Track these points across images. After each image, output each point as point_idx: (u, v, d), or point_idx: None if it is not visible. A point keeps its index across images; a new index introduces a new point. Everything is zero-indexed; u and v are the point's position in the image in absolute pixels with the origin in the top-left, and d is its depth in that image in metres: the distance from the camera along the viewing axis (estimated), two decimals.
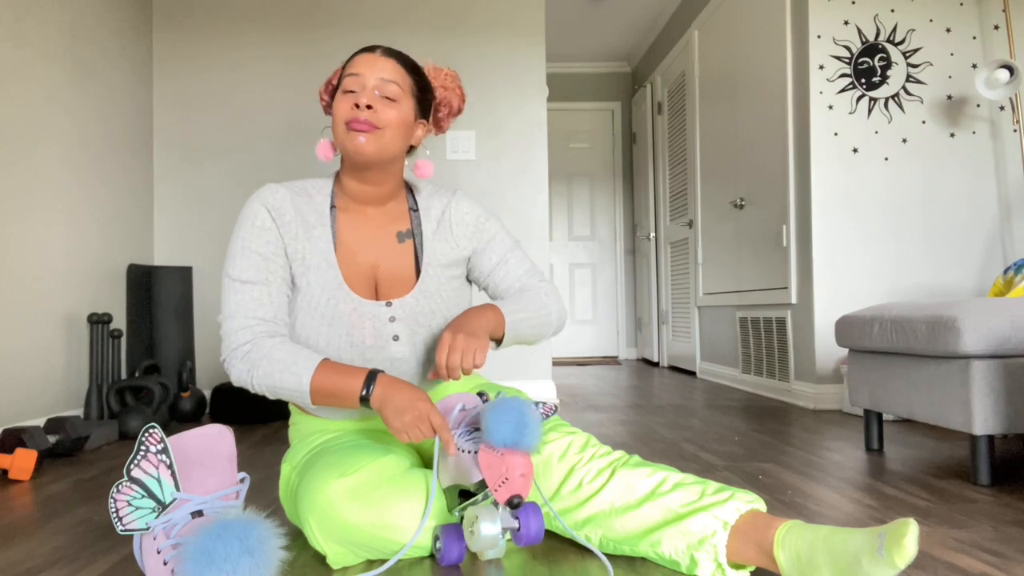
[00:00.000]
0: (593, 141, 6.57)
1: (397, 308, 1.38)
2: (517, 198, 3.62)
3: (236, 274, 1.33)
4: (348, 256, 1.39)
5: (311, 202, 1.39)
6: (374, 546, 1.24)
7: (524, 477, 1.17)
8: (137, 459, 1.14)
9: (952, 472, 1.91)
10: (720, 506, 1.17)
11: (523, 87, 3.63)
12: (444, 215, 1.46)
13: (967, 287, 3.11)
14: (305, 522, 1.24)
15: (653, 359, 5.87)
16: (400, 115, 1.34)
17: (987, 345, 1.74)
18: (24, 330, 2.50)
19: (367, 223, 1.42)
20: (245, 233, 1.34)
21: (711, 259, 4.49)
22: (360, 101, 1.30)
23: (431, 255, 1.43)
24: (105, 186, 3.03)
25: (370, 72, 1.33)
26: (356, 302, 1.36)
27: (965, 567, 1.20)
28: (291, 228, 1.36)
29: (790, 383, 3.38)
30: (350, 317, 1.35)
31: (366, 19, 3.60)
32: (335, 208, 1.41)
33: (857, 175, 3.12)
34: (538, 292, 1.46)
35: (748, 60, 3.82)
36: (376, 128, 1.32)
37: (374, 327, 1.37)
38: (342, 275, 1.37)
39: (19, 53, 2.49)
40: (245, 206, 1.37)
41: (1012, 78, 2.86)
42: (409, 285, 1.41)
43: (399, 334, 1.38)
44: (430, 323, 1.40)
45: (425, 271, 1.41)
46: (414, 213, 1.46)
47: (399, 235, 1.43)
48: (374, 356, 1.38)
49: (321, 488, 1.22)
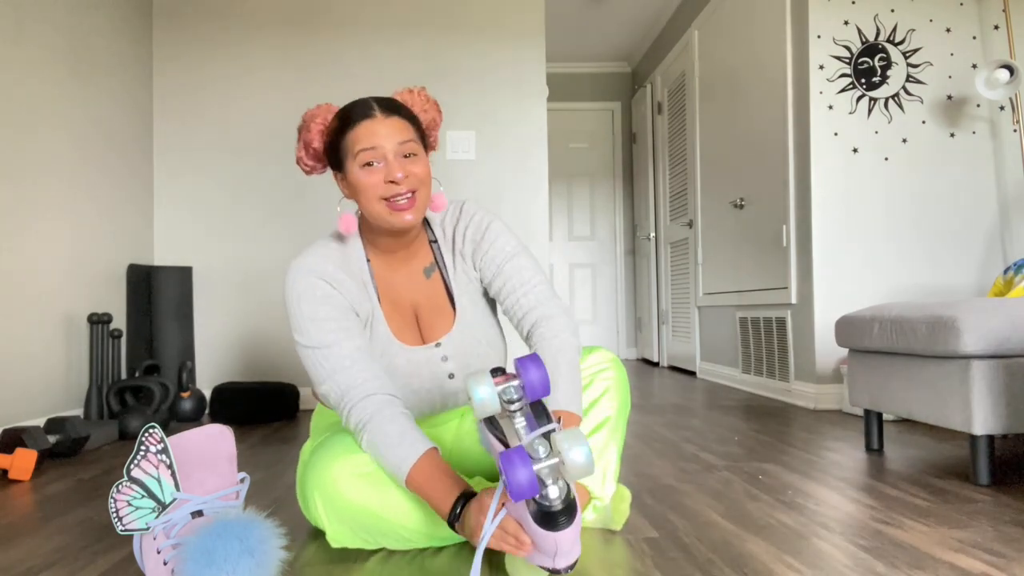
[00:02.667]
0: (593, 141, 6.57)
1: (446, 346, 1.40)
2: (517, 198, 3.62)
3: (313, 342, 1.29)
4: (391, 305, 1.40)
5: (349, 261, 1.38)
6: (376, 528, 1.25)
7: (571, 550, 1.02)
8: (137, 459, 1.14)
9: (952, 472, 1.91)
10: None
11: (523, 87, 3.63)
12: (455, 242, 1.44)
13: (967, 287, 3.11)
14: (310, 497, 1.26)
15: (653, 359, 5.87)
16: (425, 167, 1.33)
17: (987, 345, 1.74)
18: (24, 330, 2.50)
19: (397, 266, 1.42)
20: (307, 307, 1.30)
21: (711, 259, 4.49)
22: (395, 177, 1.28)
23: (459, 286, 1.43)
24: (105, 186, 3.03)
25: (386, 141, 1.29)
26: (409, 352, 1.38)
27: (965, 567, 1.20)
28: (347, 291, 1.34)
29: (790, 383, 3.38)
30: (407, 368, 1.38)
31: (366, 20, 3.60)
32: (370, 262, 1.41)
33: (857, 175, 3.12)
34: (564, 344, 1.33)
35: (748, 60, 3.82)
36: (414, 196, 1.30)
37: (431, 371, 1.40)
38: (391, 329, 1.38)
39: (19, 54, 2.49)
40: (291, 285, 1.32)
41: (1012, 78, 2.86)
42: (448, 319, 1.42)
43: (453, 372, 1.41)
44: (477, 351, 1.43)
45: (459, 303, 1.43)
46: (434, 244, 1.46)
47: (425, 271, 1.44)
48: (434, 397, 1.41)
49: (328, 466, 1.25)
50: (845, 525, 1.45)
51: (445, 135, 3.59)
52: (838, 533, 1.40)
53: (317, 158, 1.40)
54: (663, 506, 1.61)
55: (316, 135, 1.37)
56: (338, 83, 3.57)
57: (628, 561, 1.26)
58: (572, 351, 1.33)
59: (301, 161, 1.41)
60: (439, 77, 3.60)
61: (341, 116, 1.34)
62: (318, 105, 1.39)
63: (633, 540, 1.37)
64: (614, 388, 1.41)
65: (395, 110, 1.33)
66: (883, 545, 1.32)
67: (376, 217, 1.32)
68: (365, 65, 3.58)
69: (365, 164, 1.30)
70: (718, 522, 1.48)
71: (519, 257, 1.42)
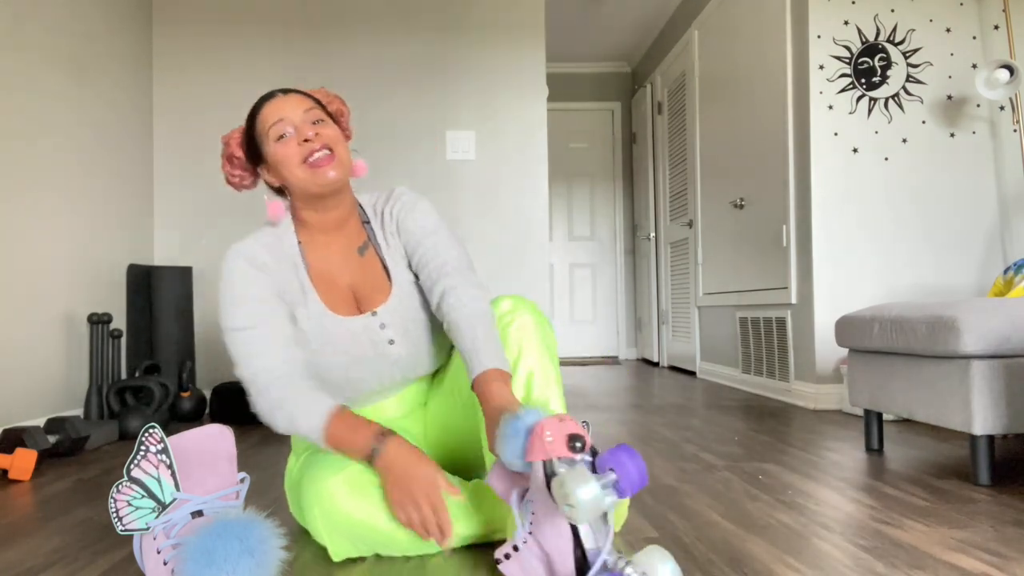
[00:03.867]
0: (593, 141, 6.57)
1: (383, 315, 1.42)
2: (517, 198, 3.62)
3: (235, 324, 1.33)
4: (325, 284, 1.42)
5: (280, 244, 1.42)
6: (377, 540, 1.25)
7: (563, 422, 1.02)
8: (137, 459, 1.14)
9: (952, 472, 1.91)
10: None
11: (523, 87, 3.63)
12: (385, 221, 1.48)
13: (967, 287, 3.11)
14: (309, 513, 1.26)
15: (653, 359, 5.87)
16: (336, 131, 1.40)
17: (987, 345, 1.74)
18: (24, 330, 2.50)
19: (332, 248, 1.45)
20: (233, 288, 1.35)
21: (711, 259, 4.48)
22: (307, 135, 1.34)
23: (392, 261, 1.46)
24: (105, 186, 3.03)
25: (291, 111, 1.37)
26: (345, 323, 1.40)
27: (965, 567, 1.20)
28: (274, 275, 1.38)
29: (790, 383, 3.38)
30: (346, 337, 1.39)
31: (366, 19, 3.60)
32: (301, 244, 1.44)
33: (857, 175, 3.12)
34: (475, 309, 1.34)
35: (748, 60, 3.82)
36: (332, 153, 1.36)
37: (370, 339, 1.41)
38: (324, 303, 1.40)
39: (19, 54, 2.49)
40: (224, 267, 1.38)
41: (1012, 78, 2.86)
42: (386, 291, 1.44)
43: (393, 338, 1.42)
44: (416, 318, 1.44)
45: (395, 277, 1.45)
46: (367, 225, 1.49)
47: (359, 249, 1.46)
48: (378, 364, 1.43)
49: (323, 480, 1.25)
50: (845, 525, 1.45)
51: (445, 135, 3.60)
52: (838, 533, 1.40)
53: (243, 167, 1.46)
54: (663, 506, 1.61)
55: (236, 146, 1.45)
56: (338, 83, 3.57)
57: None
58: (484, 313, 1.34)
59: (229, 176, 1.47)
60: (439, 77, 3.60)
61: (249, 115, 1.42)
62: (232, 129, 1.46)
63: (633, 540, 1.37)
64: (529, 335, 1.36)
65: (293, 90, 1.42)
66: (883, 545, 1.32)
67: (301, 184, 1.35)
68: (365, 65, 3.58)
69: (279, 137, 1.35)
70: (718, 522, 1.48)
71: (438, 234, 1.45)
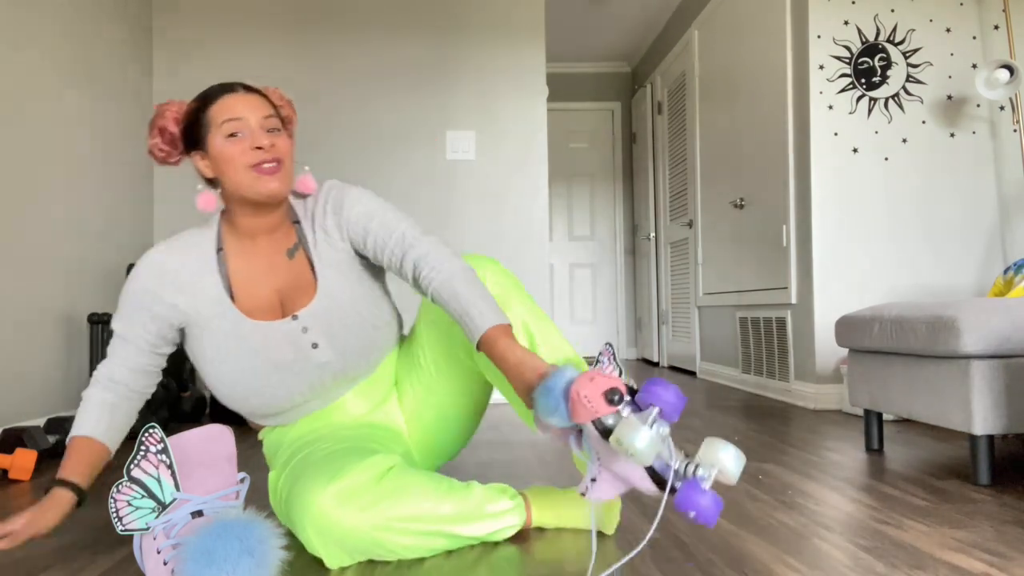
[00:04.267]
0: (593, 141, 6.57)
1: (305, 317, 1.40)
2: (517, 198, 3.62)
3: (114, 323, 1.39)
4: (246, 291, 1.41)
5: (195, 250, 1.40)
6: (373, 549, 1.25)
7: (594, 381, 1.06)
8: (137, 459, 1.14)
9: (952, 472, 1.91)
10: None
11: (523, 87, 3.63)
12: (319, 217, 1.45)
13: (967, 287, 3.11)
14: (302, 530, 1.23)
15: (653, 359, 5.87)
16: (289, 143, 1.38)
17: (987, 345, 1.74)
18: (24, 330, 2.50)
19: (259, 254, 1.42)
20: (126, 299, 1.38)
21: (711, 259, 4.49)
22: (261, 143, 1.32)
23: (322, 259, 1.43)
24: (105, 186, 3.03)
25: (251, 113, 1.34)
26: (263, 328, 1.38)
27: (965, 567, 1.20)
28: (175, 288, 1.38)
29: (790, 383, 3.38)
30: (264, 344, 1.38)
31: (367, 20, 3.60)
32: (222, 251, 1.42)
33: (857, 175, 3.12)
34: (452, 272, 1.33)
35: (748, 60, 3.82)
36: (281, 164, 1.35)
37: (290, 343, 1.40)
38: (241, 310, 1.39)
39: (19, 54, 2.49)
40: (133, 271, 1.40)
41: (1012, 78, 2.86)
42: (312, 293, 1.42)
43: (317, 341, 1.41)
44: (344, 321, 1.42)
45: (321, 275, 1.42)
46: (297, 225, 1.46)
47: (288, 252, 1.44)
48: (302, 369, 1.41)
49: (313, 494, 1.22)
50: (845, 525, 1.45)
51: (445, 135, 3.60)
52: (838, 533, 1.40)
53: (172, 143, 1.41)
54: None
55: (171, 120, 1.40)
56: (338, 83, 3.57)
57: (629, 561, 1.26)
58: (463, 273, 1.33)
59: (155, 148, 1.41)
60: (439, 77, 3.60)
61: (200, 97, 1.38)
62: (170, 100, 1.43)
63: (633, 540, 1.37)
64: (507, 286, 1.42)
65: (255, 90, 1.39)
66: (883, 545, 1.32)
67: (242, 187, 1.33)
68: (365, 65, 3.58)
69: (230, 135, 1.33)
70: (718, 522, 1.48)
71: (384, 213, 1.42)
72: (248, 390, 1.41)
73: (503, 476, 1.92)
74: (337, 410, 1.51)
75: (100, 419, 1.34)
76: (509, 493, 1.38)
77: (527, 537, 1.39)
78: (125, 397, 1.39)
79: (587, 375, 1.08)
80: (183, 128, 1.40)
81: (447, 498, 1.29)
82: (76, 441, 1.32)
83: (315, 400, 1.48)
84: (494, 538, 1.35)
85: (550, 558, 1.28)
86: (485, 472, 1.98)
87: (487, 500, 1.34)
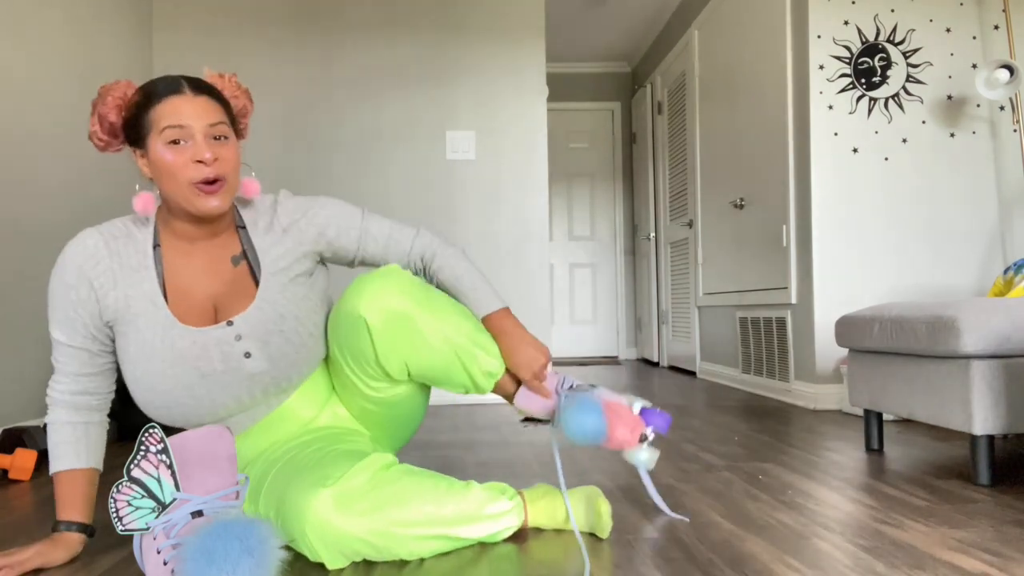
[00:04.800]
0: (593, 141, 6.57)
1: (240, 324, 1.34)
2: (517, 198, 3.62)
3: (52, 331, 1.34)
4: (180, 294, 1.34)
5: (131, 243, 1.34)
6: (373, 553, 1.23)
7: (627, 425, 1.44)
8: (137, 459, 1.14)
9: (952, 472, 1.91)
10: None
11: (523, 87, 3.63)
12: (273, 222, 1.41)
13: (967, 287, 3.11)
14: (301, 535, 1.20)
15: (653, 359, 5.87)
16: (235, 151, 1.30)
17: (987, 345, 1.74)
18: (24, 330, 2.50)
19: (197, 256, 1.36)
20: (54, 286, 1.32)
21: (711, 259, 4.49)
22: (203, 156, 1.24)
23: (268, 263, 1.38)
24: (104, 186, 3.03)
25: (196, 120, 1.25)
26: (194, 334, 1.31)
27: (965, 567, 1.20)
28: (108, 278, 1.31)
29: (790, 383, 3.38)
30: (192, 351, 1.31)
31: (366, 20, 3.60)
32: (158, 247, 1.35)
33: (857, 175, 3.12)
34: (455, 265, 1.52)
35: (748, 60, 3.82)
36: (224, 181, 1.27)
37: (221, 351, 1.33)
38: (172, 313, 1.32)
39: (19, 54, 2.49)
40: (62, 255, 1.32)
41: (1012, 78, 2.86)
42: (249, 300, 1.36)
43: (250, 350, 1.34)
44: (281, 328, 1.36)
45: (264, 281, 1.37)
46: (242, 230, 1.40)
47: (233, 259, 1.38)
48: (230, 380, 1.35)
49: (308, 497, 1.19)
50: (845, 525, 1.45)
51: (445, 135, 3.60)
52: (838, 533, 1.40)
53: (113, 133, 1.32)
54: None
55: (112, 108, 1.30)
56: (338, 83, 3.57)
57: (629, 561, 1.26)
58: (463, 264, 1.51)
59: (94, 136, 1.32)
60: (439, 77, 3.60)
61: (145, 90, 1.28)
62: (116, 81, 1.33)
63: (633, 540, 1.37)
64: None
65: (205, 90, 1.30)
66: (883, 545, 1.32)
67: (180, 200, 1.27)
68: (365, 65, 3.58)
69: (171, 142, 1.24)
70: (718, 522, 1.48)
71: (363, 217, 1.49)
72: (170, 399, 1.34)
73: (503, 476, 1.92)
74: (286, 419, 1.45)
75: (77, 447, 1.32)
76: (508, 494, 1.37)
77: (525, 537, 1.39)
78: (95, 409, 1.36)
79: (615, 412, 1.44)
80: (124, 121, 1.31)
81: (448, 500, 1.28)
82: (62, 477, 1.31)
83: (240, 415, 1.41)
84: (493, 539, 1.35)
85: (549, 558, 1.28)
86: (485, 472, 1.98)
87: (487, 501, 1.33)
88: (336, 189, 3.56)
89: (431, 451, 2.32)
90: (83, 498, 1.32)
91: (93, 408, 1.37)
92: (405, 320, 1.33)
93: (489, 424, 2.86)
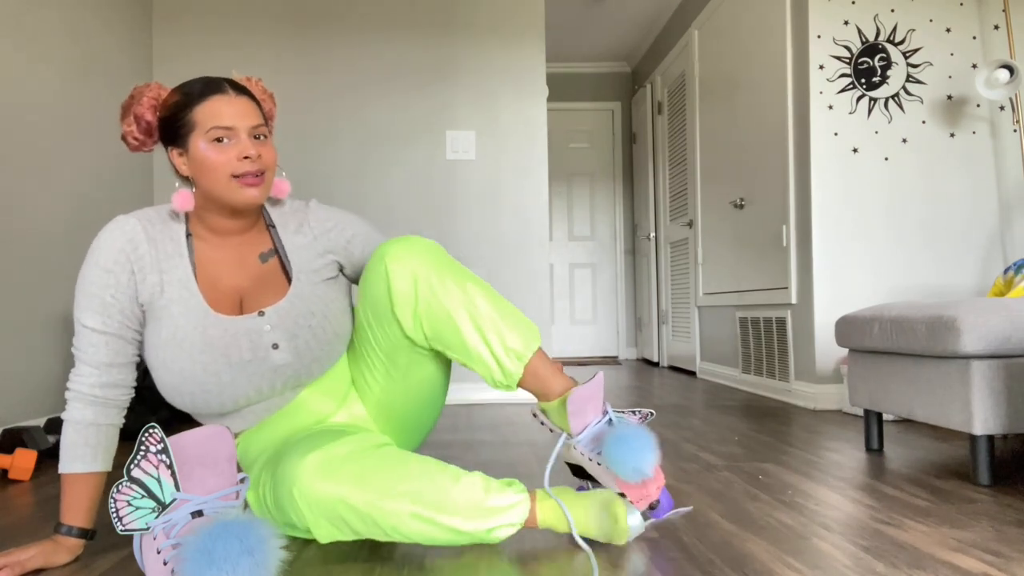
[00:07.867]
0: (593, 141, 6.57)
1: (272, 316, 1.38)
2: (517, 198, 3.62)
3: (84, 319, 1.32)
4: (209, 283, 1.37)
5: (167, 230, 1.37)
6: (354, 522, 1.21)
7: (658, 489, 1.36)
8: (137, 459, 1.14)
9: (952, 472, 1.91)
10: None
11: (523, 87, 3.63)
12: (303, 225, 1.47)
13: (967, 287, 3.11)
14: (291, 502, 1.20)
15: (653, 359, 5.87)
16: (274, 151, 1.37)
17: (987, 345, 1.74)
18: (24, 330, 2.50)
19: (227, 249, 1.41)
20: (90, 272, 1.32)
21: (711, 259, 4.49)
22: (249, 153, 1.30)
23: (299, 263, 1.44)
24: (105, 186, 3.03)
25: (240, 120, 1.31)
26: (226, 322, 1.35)
27: (965, 567, 1.20)
28: (145, 262, 1.34)
29: (790, 383, 3.38)
30: (223, 339, 1.34)
31: (366, 19, 3.60)
32: (191, 236, 1.39)
33: (857, 175, 3.12)
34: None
35: (748, 60, 3.82)
36: (265, 175, 1.34)
37: (250, 341, 1.36)
38: (206, 301, 1.35)
39: (19, 54, 2.49)
40: (98, 240, 1.34)
41: (1012, 78, 2.86)
42: (281, 292, 1.41)
43: (278, 342, 1.38)
44: (309, 323, 1.41)
45: (296, 278, 1.42)
46: (272, 229, 1.46)
47: (262, 256, 1.43)
48: (255, 370, 1.37)
49: (295, 464, 1.20)
50: (845, 525, 1.45)
51: (445, 135, 3.59)
52: (838, 533, 1.40)
53: (148, 132, 1.37)
54: None
55: (148, 108, 1.35)
56: (338, 83, 3.57)
57: (629, 561, 1.26)
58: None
59: (130, 135, 1.37)
60: (439, 77, 3.60)
61: (184, 90, 1.33)
62: (147, 83, 1.39)
63: (633, 540, 1.37)
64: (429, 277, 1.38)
65: (244, 91, 1.36)
66: (883, 545, 1.32)
67: (221, 192, 1.31)
68: (365, 65, 3.58)
69: (216, 140, 1.30)
70: (718, 522, 1.48)
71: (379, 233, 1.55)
72: (195, 385, 1.36)
73: (503, 476, 1.92)
74: (303, 411, 1.47)
75: (96, 451, 1.32)
76: (516, 487, 1.31)
77: (531, 538, 1.39)
78: (118, 406, 1.36)
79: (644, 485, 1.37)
80: (161, 119, 1.35)
81: (442, 480, 1.24)
82: (74, 479, 1.31)
83: (259, 406, 1.44)
84: (491, 538, 1.27)
85: (551, 559, 1.28)
86: (485, 472, 1.98)
87: (492, 491, 1.27)
88: (336, 189, 3.56)
89: (431, 451, 2.32)
90: (90, 502, 1.33)
91: (116, 405, 1.36)
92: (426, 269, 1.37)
93: (489, 424, 2.86)
